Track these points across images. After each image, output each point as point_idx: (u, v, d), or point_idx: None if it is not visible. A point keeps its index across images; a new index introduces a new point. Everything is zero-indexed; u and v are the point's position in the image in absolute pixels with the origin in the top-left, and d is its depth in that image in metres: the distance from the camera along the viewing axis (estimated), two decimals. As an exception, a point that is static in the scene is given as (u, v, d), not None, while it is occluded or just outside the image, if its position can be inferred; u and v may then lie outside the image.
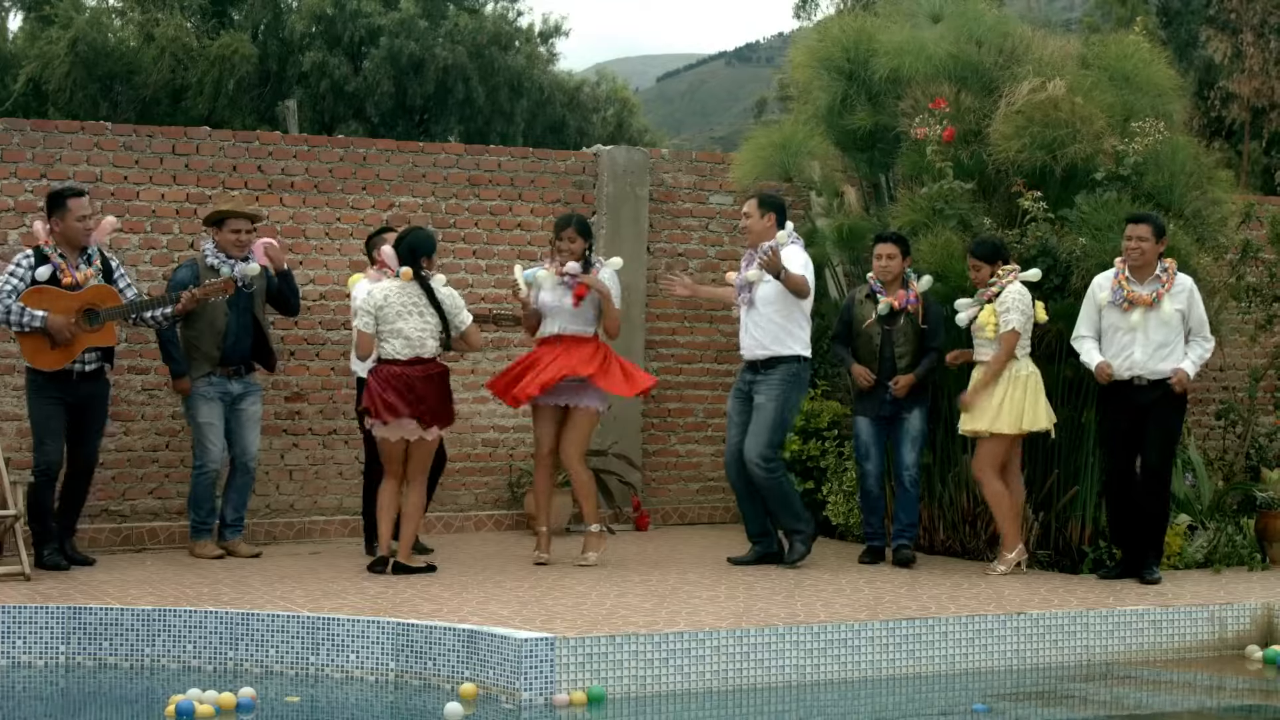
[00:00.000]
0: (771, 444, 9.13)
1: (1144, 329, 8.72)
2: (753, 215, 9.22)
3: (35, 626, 7.45)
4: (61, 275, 8.72)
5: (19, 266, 8.70)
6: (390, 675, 7.12)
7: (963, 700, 7.15)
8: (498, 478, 11.08)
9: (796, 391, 9.20)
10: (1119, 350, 8.79)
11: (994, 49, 10.12)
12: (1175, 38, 23.06)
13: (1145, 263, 8.73)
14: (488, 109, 29.56)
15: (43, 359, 8.67)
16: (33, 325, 8.59)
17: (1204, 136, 18.73)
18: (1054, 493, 9.51)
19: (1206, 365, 12.58)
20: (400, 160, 10.81)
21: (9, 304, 8.59)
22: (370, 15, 28.95)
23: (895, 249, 9.38)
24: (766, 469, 9.09)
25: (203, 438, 9.29)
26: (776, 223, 9.18)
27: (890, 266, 9.38)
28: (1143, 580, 8.77)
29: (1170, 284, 8.75)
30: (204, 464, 9.31)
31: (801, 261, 9.11)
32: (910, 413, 9.42)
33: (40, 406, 8.77)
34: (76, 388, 8.81)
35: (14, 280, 8.65)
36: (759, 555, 9.33)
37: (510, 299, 10.20)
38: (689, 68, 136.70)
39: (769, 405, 9.10)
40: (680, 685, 6.89)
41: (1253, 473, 11.01)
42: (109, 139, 10.06)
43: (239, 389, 9.35)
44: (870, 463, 9.50)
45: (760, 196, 9.36)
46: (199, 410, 9.28)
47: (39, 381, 8.75)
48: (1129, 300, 8.73)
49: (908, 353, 9.36)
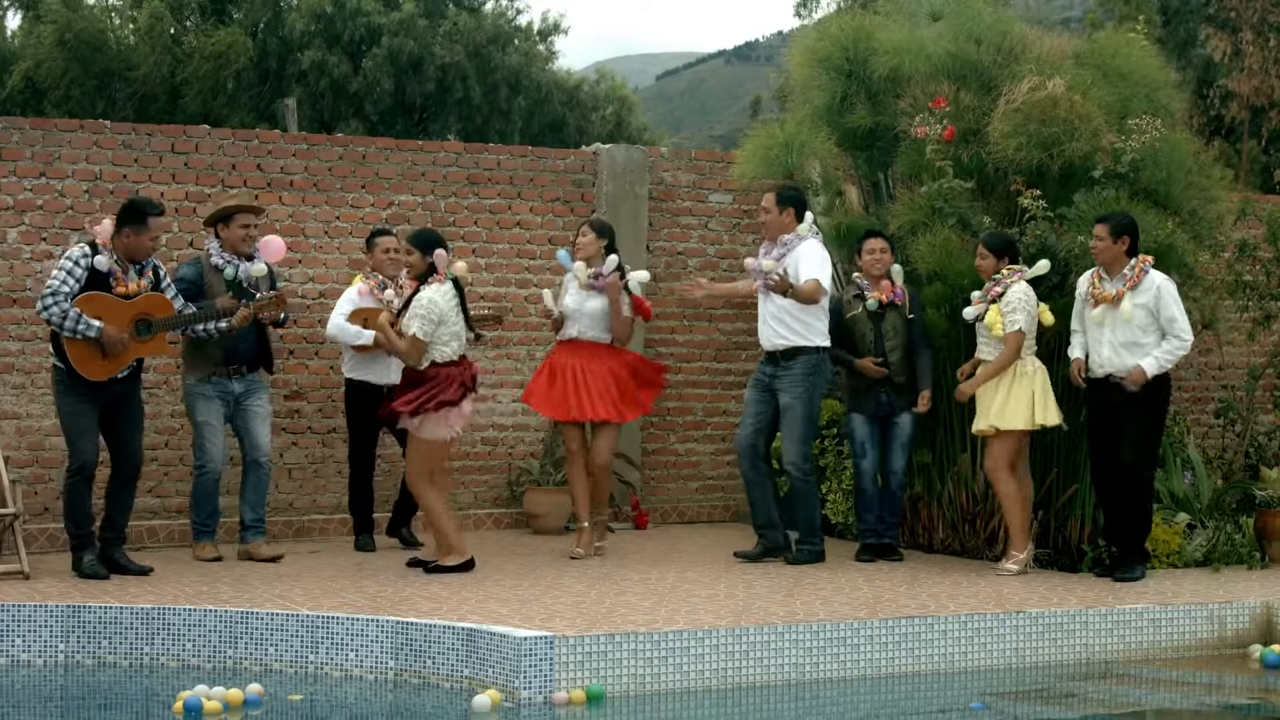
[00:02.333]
0: (807, 442, 9.30)
1: (1109, 326, 8.74)
2: (771, 210, 9.25)
3: (34, 625, 7.45)
4: (115, 284, 8.41)
5: (76, 265, 8.33)
6: (389, 674, 7.12)
7: (962, 699, 7.15)
8: (497, 476, 11.07)
9: (819, 384, 9.28)
10: (1093, 348, 8.85)
11: (993, 47, 10.12)
12: (1174, 36, 23.06)
13: (1105, 261, 8.76)
14: (486, 107, 29.57)
15: (91, 368, 8.36)
16: (87, 335, 8.29)
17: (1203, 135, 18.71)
18: (1053, 491, 9.51)
19: (1206, 364, 12.69)
20: (399, 159, 10.81)
21: (66, 308, 8.25)
22: (370, 14, 28.95)
23: (885, 244, 9.57)
24: (803, 470, 9.29)
25: (200, 437, 9.16)
26: (795, 216, 9.24)
27: (882, 260, 9.52)
28: (1116, 578, 8.75)
29: (1134, 282, 8.73)
30: (203, 464, 9.16)
31: (819, 259, 9.17)
32: (902, 415, 9.52)
33: (70, 404, 8.45)
34: (111, 387, 8.51)
35: (71, 281, 8.29)
36: (765, 549, 9.39)
37: (541, 313, 10.21)
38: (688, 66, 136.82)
39: (798, 405, 9.17)
40: (679, 684, 6.89)
41: (1252, 471, 11.01)
42: (108, 137, 10.05)
43: (240, 388, 9.20)
44: (866, 460, 9.57)
45: (779, 191, 9.38)
46: (197, 409, 9.14)
47: (66, 383, 8.43)
48: (1094, 297, 8.79)
49: (898, 345, 9.47)
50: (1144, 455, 8.84)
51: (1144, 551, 9.02)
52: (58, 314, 8.27)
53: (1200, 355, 12.47)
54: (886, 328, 9.47)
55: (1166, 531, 9.44)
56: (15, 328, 9.71)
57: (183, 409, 10.09)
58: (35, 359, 9.63)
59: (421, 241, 8.64)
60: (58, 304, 8.27)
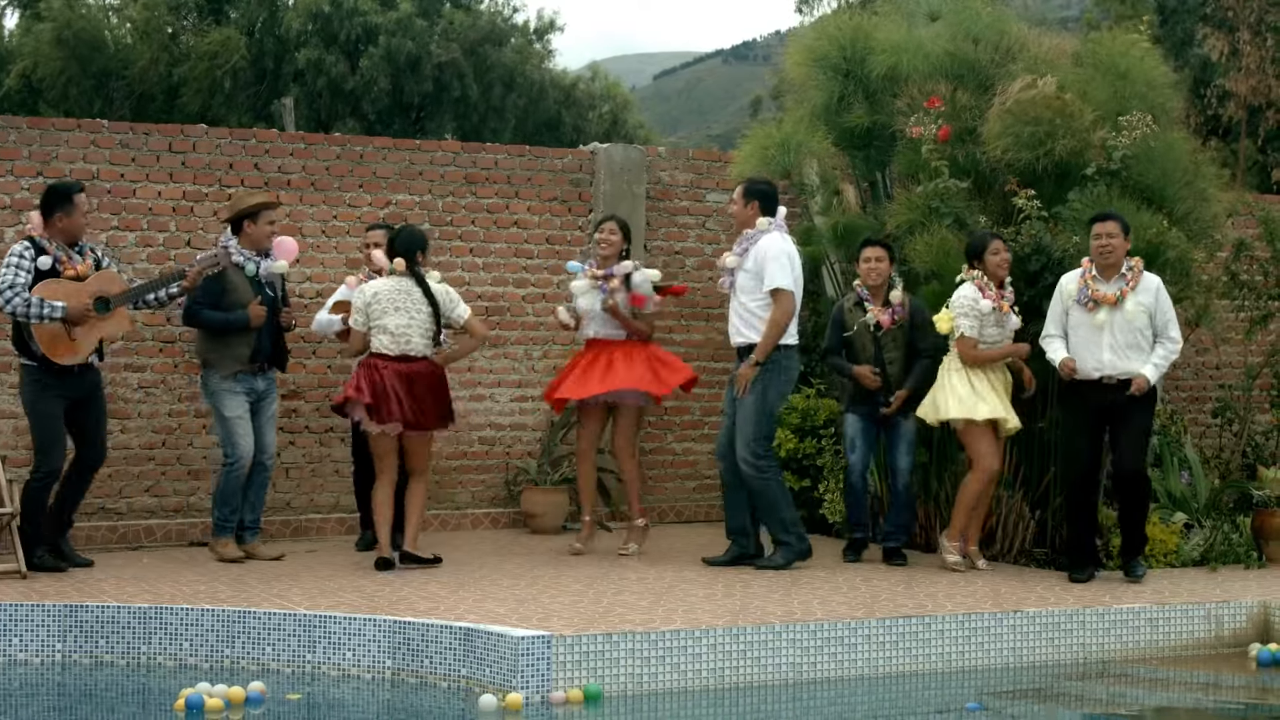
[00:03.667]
0: (757, 438, 8.94)
1: (1110, 328, 8.66)
2: (737, 203, 9.14)
3: (31, 624, 7.44)
4: (63, 268, 8.60)
5: (22, 259, 8.55)
6: (387, 673, 7.12)
7: (959, 698, 7.15)
8: (494, 475, 11.07)
9: (777, 380, 8.96)
10: (1087, 350, 8.70)
11: (990, 47, 10.13)
12: (1172, 36, 23.06)
13: (1116, 260, 8.67)
14: (482, 105, 29.57)
15: (62, 351, 8.52)
16: (54, 317, 8.45)
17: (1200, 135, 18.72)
18: (1049, 491, 9.51)
19: (1203, 363, 12.70)
20: (397, 158, 10.80)
21: (27, 296, 8.45)
22: (367, 13, 28.95)
23: (883, 252, 9.41)
24: (755, 467, 8.95)
25: (232, 433, 9.10)
26: (761, 210, 9.00)
27: (879, 269, 9.37)
28: (1127, 578, 8.77)
29: (1135, 282, 8.70)
30: (236, 459, 9.10)
31: (784, 260, 8.85)
32: (904, 418, 9.41)
33: (43, 406, 8.59)
34: (79, 381, 8.69)
35: (21, 274, 8.50)
36: (734, 556, 9.19)
37: (557, 326, 10.14)
38: (686, 66, 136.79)
39: (749, 398, 8.94)
40: (677, 683, 6.89)
41: (1249, 471, 11.02)
42: (105, 136, 10.05)
43: (263, 385, 9.22)
44: (855, 455, 9.50)
45: (746, 185, 9.17)
46: (226, 405, 9.09)
47: (41, 379, 8.59)
48: (1093, 299, 8.68)
49: (898, 358, 9.37)
50: (1144, 455, 8.86)
51: (1142, 547, 9.02)
52: (20, 304, 8.47)
53: (1197, 355, 12.48)
54: (886, 339, 9.35)
55: (1164, 531, 9.44)
56: (9, 327, 9.68)
57: (180, 408, 10.10)
58: (28, 358, 9.62)
59: (394, 240, 8.95)
60: (17, 294, 8.47)
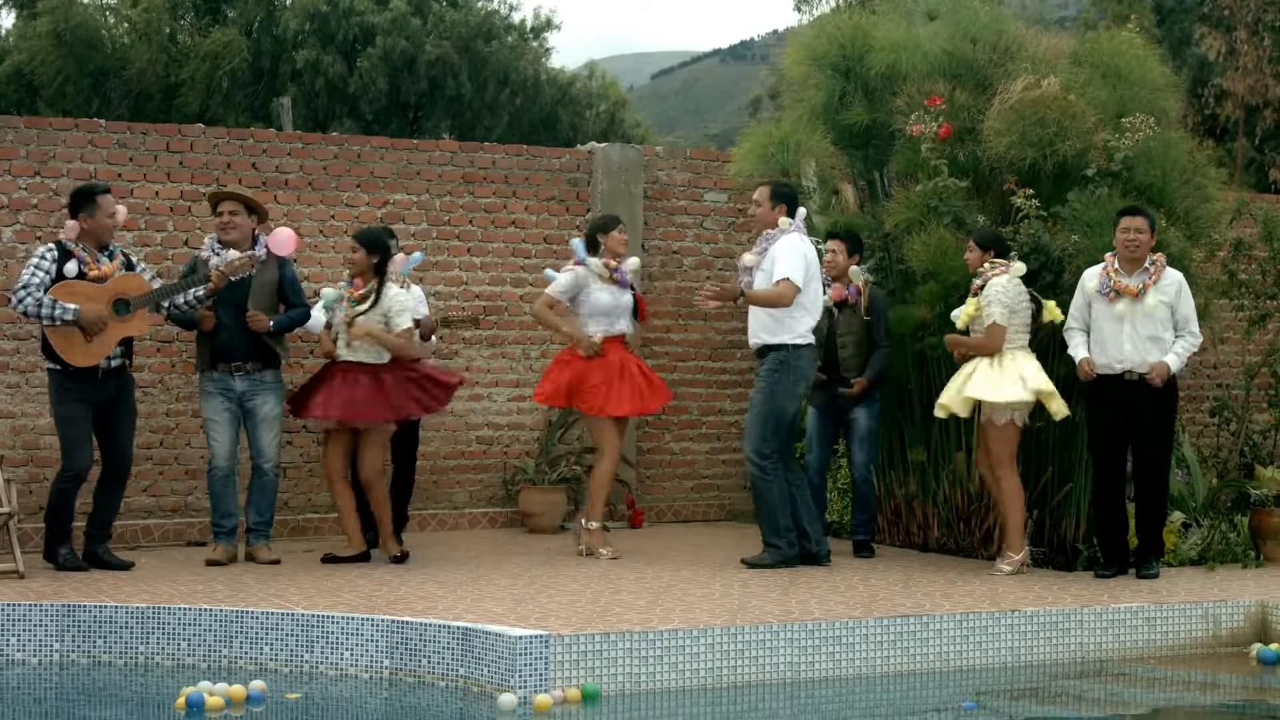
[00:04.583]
0: (763, 439, 8.98)
1: (1131, 321, 8.70)
2: (763, 204, 9.18)
3: (29, 624, 7.44)
4: (87, 269, 8.55)
5: (43, 260, 8.52)
6: (385, 673, 7.12)
7: (957, 698, 7.15)
8: (492, 475, 11.07)
9: (786, 381, 8.97)
10: (1109, 344, 8.77)
11: (989, 46, 10.13)
12: (1169, 35, 23.06)
13: (1142, 255, 8.73)
14: (476, 102, 29.56)
15: (76, 354, 8.47)
16: (64, 319, 8.40)
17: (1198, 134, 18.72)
18: (1048, 490, 9.52)
19: (1201, 362, 12.70)
20: (394, 158, 10.80)
21: (40, 297, 8.42)
22: (364, 13, 28.94)
23: (841, 245, 9.68)
24: (760, 468, 9.01)
25: (206, 435, 9.16)
26: (787, 213, 9.13)
27: (834, 261, 9.63)
28: (1141, 575, 8.79)
29: (1157, 277, 8.74)
30: (210, 462, 9.14)
31: (795, 255, 8.91)
32: (857, 411, 9.63)
33: (64, 409, 8.56)
34: (104, 386, 8.60)
35: (40, 274, 8.47)
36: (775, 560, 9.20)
37: None
38: (683, 65, 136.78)
39: (756, 399, 9.08)
40: (674, 682, 6.89)
41: (1247, 470, 11.03)
42: (103, 136, 10.04)
43: (243, 386, 9.08)
44: (811, 455, 9.79)
45: (773, 187, 9.23)
46: (202, 406, 9.14)
47: (64, 383, 8.53)
48: (1115, 290, 8.73)
49: (850, 342, 9.60)
50: (1167, 453, 8.92)
51: (1160, 547, 9.03)
52: (32, 304, 8.43)
53: (1196, 354, 12.46)
54: (839, 323, 9.60)
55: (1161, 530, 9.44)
56: (10, 326, 9.69)
57: (178, 408, 10.12)
58: (30, 358, 9.61)
59: (367, 240, 9.07)
60: (30, 294, 8.44)
